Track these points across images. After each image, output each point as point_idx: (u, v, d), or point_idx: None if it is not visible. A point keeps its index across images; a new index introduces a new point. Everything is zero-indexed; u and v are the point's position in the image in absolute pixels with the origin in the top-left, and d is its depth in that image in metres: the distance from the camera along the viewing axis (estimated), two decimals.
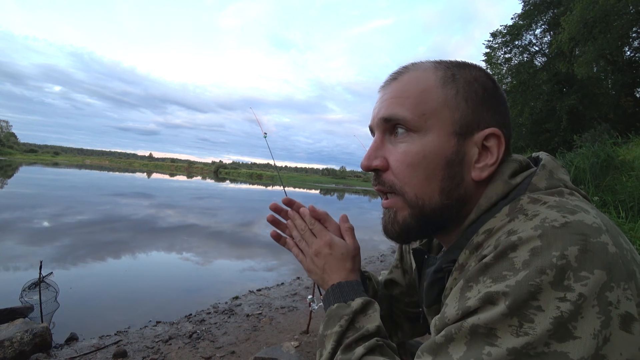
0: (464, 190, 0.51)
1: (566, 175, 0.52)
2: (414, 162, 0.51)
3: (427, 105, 0.51)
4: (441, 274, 0.54)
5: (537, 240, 0.38)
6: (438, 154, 0.50)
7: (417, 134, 0.51)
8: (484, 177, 0.50)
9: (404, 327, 0.84)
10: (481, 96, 0.52)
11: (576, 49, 13.99)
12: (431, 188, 0.51)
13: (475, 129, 0.51)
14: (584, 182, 4.80)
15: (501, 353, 0.35)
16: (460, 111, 0.50)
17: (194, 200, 14.26)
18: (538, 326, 0.35)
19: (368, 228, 9.64)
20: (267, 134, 1.40)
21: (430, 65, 0.54)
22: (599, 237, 0.37)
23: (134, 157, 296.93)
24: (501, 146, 0.51)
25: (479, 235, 0.47)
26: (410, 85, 0.53)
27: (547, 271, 0.36)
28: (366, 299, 0.60)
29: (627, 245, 0.40)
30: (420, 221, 0.52)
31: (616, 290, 0.35)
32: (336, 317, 0.58)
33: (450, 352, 0.39)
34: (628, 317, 0.35)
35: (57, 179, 20.16)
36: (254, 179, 58.24)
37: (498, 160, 0.51)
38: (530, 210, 0.43)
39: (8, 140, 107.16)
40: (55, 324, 2.84)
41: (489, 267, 0.40)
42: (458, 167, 0.50)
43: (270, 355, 2.24)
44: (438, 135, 0.50)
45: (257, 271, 5.03)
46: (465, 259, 0.49)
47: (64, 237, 5.83)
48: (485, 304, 0.38)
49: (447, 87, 0.51)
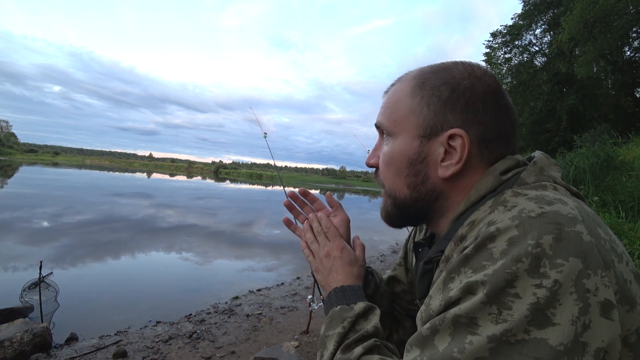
0: (432, 186, 0.56)
1: (557, 173, 0.53)
2: (387, 161, 0.60)
3: (397, 114, 0.59)
4: (430, 265, 0.56)
5: (514, 230, 0.39)
6: (402, 154, 0.57)
7: (391, 138, 0.59)
8: (449, 175, 0.54)
9: (405, 324, 0.85)
10: (445, 98, 0.54)
11: (576, 49, 14.00)
12: (400, 183, 0.59)
13: (440, 130, 0.54)
14: (584, 182, 4.80)
15: (481, 341, 0.36)
16: (422, 116, 0.56)
17: (194, 200, 14.27)
18: (516, 312, 0.35)
19: (368, 228, 9.64)
20: (267, 134, 1.41)
21: (411, 75, 0.60)
22: (573, 226, 0.39)
23: (134, 157, 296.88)
24: (465, 146, 0.52)
25: (464, 227, 0.49)
26: (390, 97, 0.61)
27: (522, 259, 0.37)
28: (368, 304, 0.63)
29: (607, 235, 0.41)
30: (397, 209, 0.61)
31: (593, 278, 0.36)
32: (339, 318, 0.60)
33: (436, 343, 0.40)
34: (607, 304, 0.36)
35: (57, 179, 20.16)
36: (254, 179, 58.26)
37: (462, 159, 0.53)
38: (510, 202, 0.45)
39: (8, 140, 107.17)
40: (55, 324, 2.84)
41: (469, 258, 0.42)
42: (421, 166, 0.56)
43: (270, 355, 2.24)
44: (404, 138, 0.57)
45: (257, 271, 5.03)
46: (451, 250, 0.50)
47: (63, 237, 5.84)
48: (466, 294, 0.39)
49: (413, 95, 0.57)
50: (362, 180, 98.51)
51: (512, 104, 0.58)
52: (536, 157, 0.54)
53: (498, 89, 0.56)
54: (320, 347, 0.60)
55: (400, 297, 0.84)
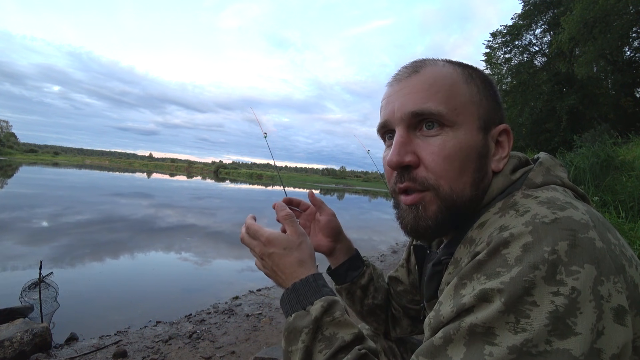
0: (487, 181, 0.54)
1: (564, 173, 0.53)
2: (451, 155, 0.50)
3: (457, 100, 0.51)
4: (440, 267, 0.55)
5: (528, 236, 0.39)
6: (471, 147, 0.51)
7: (450, 128, 0.51)
8: (501, 168, 0.54)
9: (402, 322, 0.85)
10: (494, 95, 0.56)
11: (576, 49, 14.00)
12: (464, 180, 0.51)
13: (493, 124, 0.54)
14: (584, 182, 4.79)
15: (502, 352, 0.35)
16: (482, 107, 0.53)
17: (194, 200, 14.26)
18: (534, 321, 0.35)
19: (368, 228, 9.64)
20: (267, 134, 1.40)
21: (445, 62, 0.56)
22: (586, 232, 0.38)
23: (134, 157, 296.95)
24: (510, 141, 0.55)
25: (473, 229, 0.49)
26: (437, 80, 0.52)
27: (539, 266, 0.36)
28: (326, 301, 0.53)
29: (616, 240, 0.41)
30: (452, 213, 0.51)
31: (607, 284, 0.36)
32: (296, 330, 0.52)
33: (450, 354, 0.38)
34: (621, 310, 0.35)
35: (57, 179, 20.15)
36: (254, 179, 58.23)
37: (509, 153, 0.55)
38: (522, 205, 0.44)
39: (8, 140, 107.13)
40: (55, 324, 2.84)
41: (482, 264, 0.41)
42: (485, 160, 0.53)
43: (270, 355, 2.24)
44: (470, 129, 0.52)
45: (256, 271, 4.99)
46: (460, 253, 0.49)
47: (63, 237, 5.83)
48: (481, 301, 0.38)
49: (470, 84, 0.54)
50: (362, 180, 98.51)
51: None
52: (542, 158, 0.55)
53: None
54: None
55: (400, 296, 0.84)
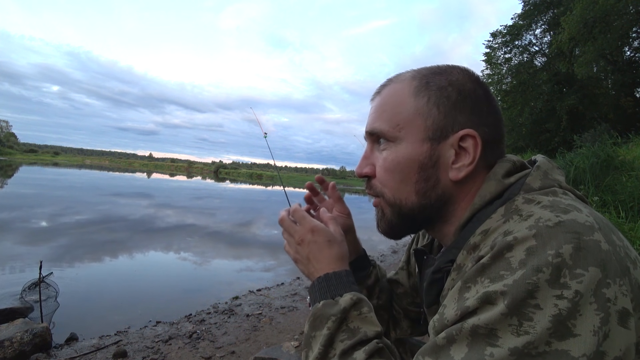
0: (442, 190, 0.55)
1: (561, 176, 0.53)
2: (390, 168, 0.56)
3: (401, 116, 0.55)
4: (439, 275, 0.55)
5: (532, 239, 0.39)
6: (411, 159, 0.54)
7: (393, 143, 0.56)
8: (461, 176, 0.53)
9: (402, 324, 0.85)
10: (455, 100, 0.54)
11: (576, 49, 14.00)
12: (407, 190, 0.56)
13: (450, 132, 0.54)
14: (584, 182, 4.79)
15: (503, 353, 0.35)
16: (432, 117, 0.54)
17: (194, 201, 14.26)
18: (537, 324, 0.35)
19: (367, 228, 9.63)
20: (267, 134, 1.40)
21: (409, 75, 0.58)
22: (591, 235, 0.38)
23: (133, 157, 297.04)
24: (477, 146, 0.52)
25: (476, 235, 0.48)
26: (387, 99, 0.58)
27: (543, 269, 0.36)
28: (356, 295, 0.55)
29: (620, 242, 0.41)
30: (401, 218, 0.58)
31: (613, 287, 0.36)
32: (323, 317, 0.54)
33: (452, 353, 0.39)
34: (625, 313, 0.36)
35: (57, 179, 20.14)
36: (254, 179, 58.24)
37: (475, 159, 0.53)
38: (525, 210, 0.44)
39: (8, 140, 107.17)
40: (55, 324, 2.84)
41: (486, 267, 0.41)
42: (432, 170, 0.54)
43: (270, 355, 2.24)
44: (411, 142, 0.55)
45: (256, 271, 5.03)
46: (463, 259, 0.49)
47: (63, 237, 5.83)
48: (484, 304, 0.39)
49: (419, 96, 0.55)
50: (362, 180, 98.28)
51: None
52: (539, 162, 0.54)
53: (490, 92, 0.58)
54: (305, 347, 0.55)
55: (400, 298, 0.84)
